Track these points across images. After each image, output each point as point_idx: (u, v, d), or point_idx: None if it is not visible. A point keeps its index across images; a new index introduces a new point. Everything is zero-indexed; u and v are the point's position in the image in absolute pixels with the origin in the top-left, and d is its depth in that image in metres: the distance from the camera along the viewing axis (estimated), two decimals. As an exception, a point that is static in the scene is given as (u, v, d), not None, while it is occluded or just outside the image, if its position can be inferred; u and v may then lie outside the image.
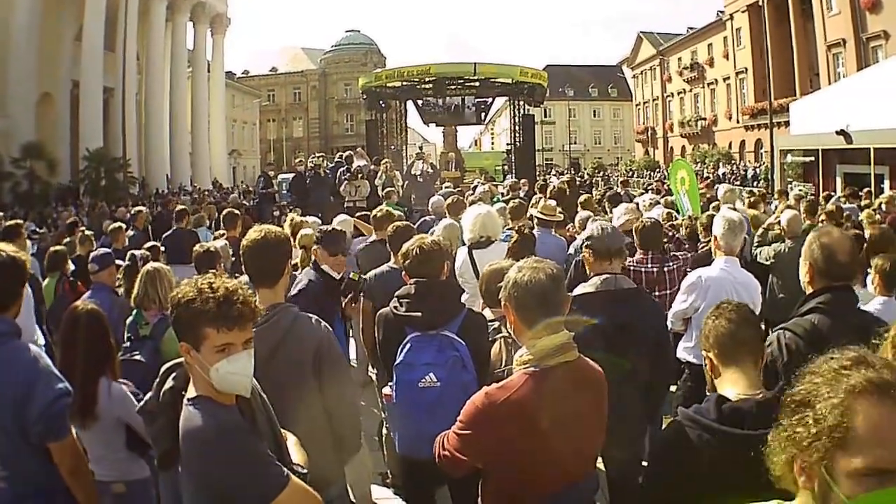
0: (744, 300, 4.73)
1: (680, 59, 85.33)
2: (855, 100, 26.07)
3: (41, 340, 7.98)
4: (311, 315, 4.49)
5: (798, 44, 55.30)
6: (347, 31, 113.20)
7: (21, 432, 4.05)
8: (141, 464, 5.27)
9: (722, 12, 72.44)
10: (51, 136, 44.86)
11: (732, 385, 3.30)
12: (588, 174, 65.20)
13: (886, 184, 24.32)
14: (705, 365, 3.56)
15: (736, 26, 68.68)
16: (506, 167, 40.61)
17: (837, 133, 25.63)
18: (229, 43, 71.26)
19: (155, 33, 54.83)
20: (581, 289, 5.26)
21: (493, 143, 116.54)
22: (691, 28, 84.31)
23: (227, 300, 2.95)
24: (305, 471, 3.23)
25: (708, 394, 3.43)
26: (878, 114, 23.61)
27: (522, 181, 22.61)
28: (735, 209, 11.48)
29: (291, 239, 5.11)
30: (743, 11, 65.59)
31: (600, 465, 4.76)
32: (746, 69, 67.12)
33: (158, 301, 6.30)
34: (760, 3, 47.56)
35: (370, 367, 7.26)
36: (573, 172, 56.28)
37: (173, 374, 3.34)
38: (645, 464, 5.39)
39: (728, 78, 72.38)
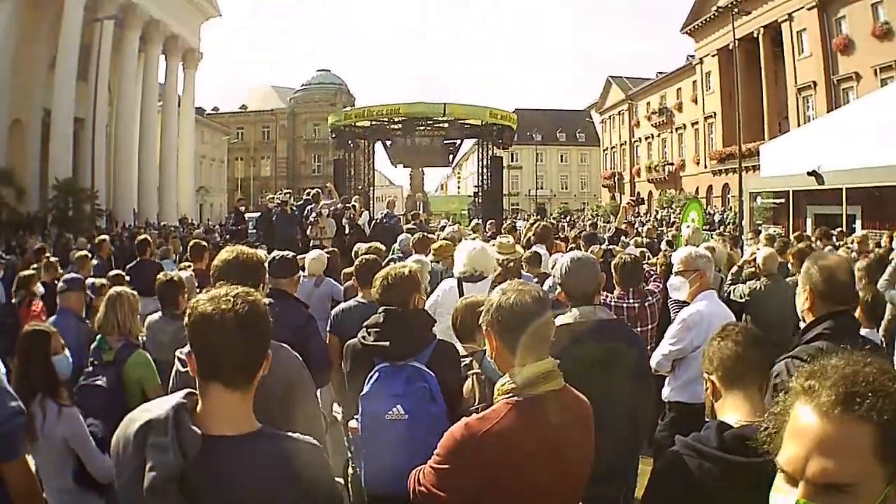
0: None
1: (649, 103, 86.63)
2: (826, 140, 26.20)
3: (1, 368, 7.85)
4: (282, 344, 4.35)
5: (768, 87, 56.83)
6: (318, 71, 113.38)
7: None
8: (92, 498, 5.18)
9: (692, 56, 73.63)
10: (21, 163, 44.95)
11: (735, 410, 3.16)
12: (554, 219, 65.42)
13: (858, 224, 24.38)
14: (706, 388, 3.41)
15: (706, 70, 69.96)
16: (472, 211, 40.51)
17: (809, 174, 25.71)
18: (200, 78, 71.55)
19: (127, 64, 54.99)
20: (558, 321, 5.11)
21: (459, 188, 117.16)
22: (661, 73, 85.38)
23: None
24: None
25: (707, 421, 3.30)
26: (849, 154, 23.75)
27: (490, 222, 22.45)
28: (713, 248, 11.53)
29: (265, 262, 4.98)
30: (713, 55, 67.00)
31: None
32: (715, 113, 68.27)
33: (118, 326, 6.18)
34: (731, 48, 48.19)
35: (335, 406, 7.13)
36: (539, 217, 56.48)
37: None
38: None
39: (696, 123, 73.60)
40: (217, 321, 2.61)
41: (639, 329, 7.49)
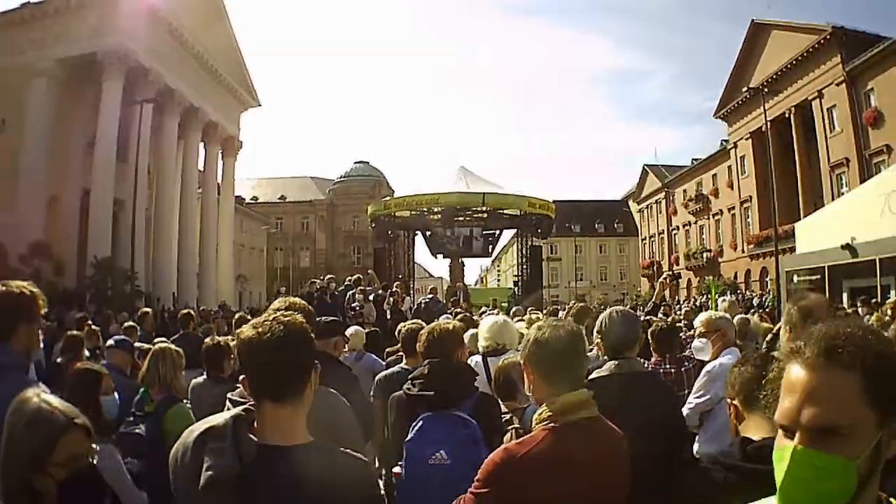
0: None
1: (685, 191, 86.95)
2: (858, 212, 26.03)
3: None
4: (331, 389, 4.45)
5: (801, 168, 56.70)
6: (356, 163, 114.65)
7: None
8: None
9: (726, 141, 74.20)
10: (58, 239, 45.75)
11: (757, 429, 3.25)
12: (594, 309, 64.51)
13: (893, 293, 24.02)
14: (730, 413, 3.51)
15: (740, 154, 70.24)
16: (511, 302, 40.38)
17: (843, 248, 25.48)
18: (240, 167, 72.00)
19: (167, 149, 55.76)
20: (595, 373, 5.14)
21: (499, 281, 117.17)
22: (696, 159, 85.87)
23: None
24: None
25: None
26: (882, 224, 23.57)
27: (530, 309, 22.43)
28: (747, 320, 11.58)
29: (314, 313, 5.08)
30: (746, 139, 67.42)
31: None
32: (751, 197, 68.26)
33: (159, 379, 6.43)
34: (764, 129, 48.38)
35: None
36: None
37: None
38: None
39: (733, 208, 73.51)
40: (257, 343, 2.83)
41: (676, 394, 7.51)
